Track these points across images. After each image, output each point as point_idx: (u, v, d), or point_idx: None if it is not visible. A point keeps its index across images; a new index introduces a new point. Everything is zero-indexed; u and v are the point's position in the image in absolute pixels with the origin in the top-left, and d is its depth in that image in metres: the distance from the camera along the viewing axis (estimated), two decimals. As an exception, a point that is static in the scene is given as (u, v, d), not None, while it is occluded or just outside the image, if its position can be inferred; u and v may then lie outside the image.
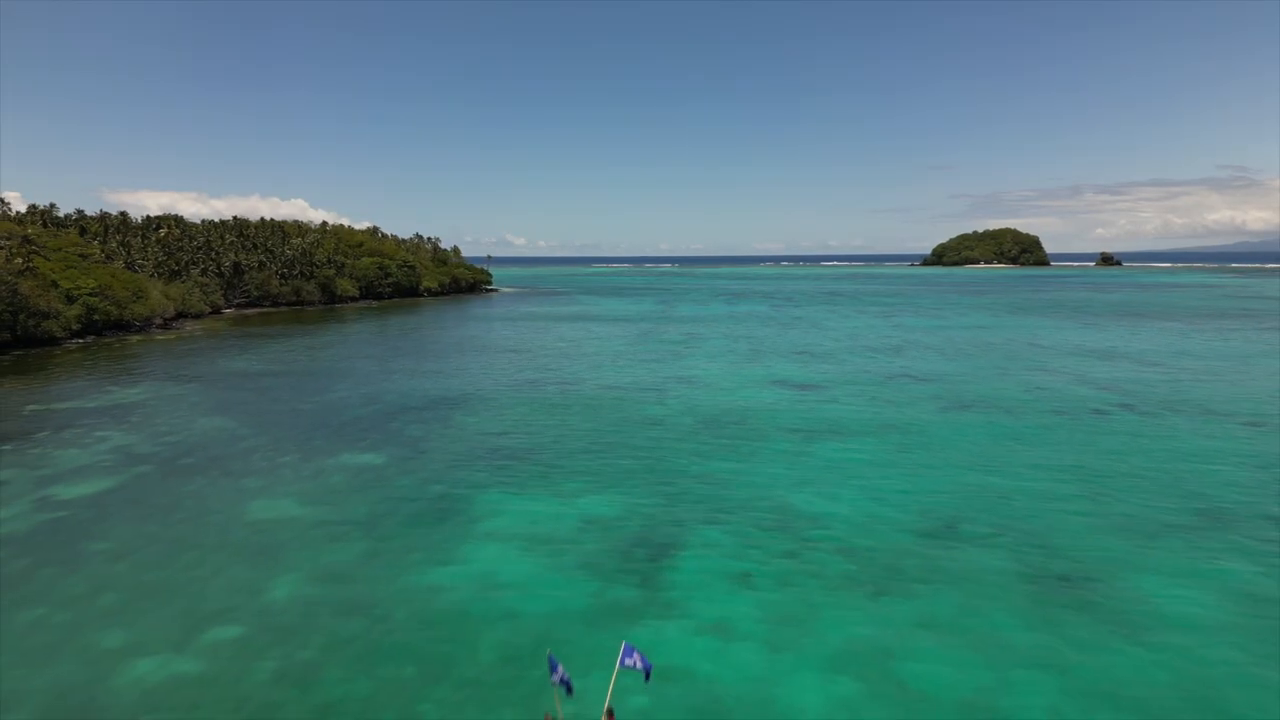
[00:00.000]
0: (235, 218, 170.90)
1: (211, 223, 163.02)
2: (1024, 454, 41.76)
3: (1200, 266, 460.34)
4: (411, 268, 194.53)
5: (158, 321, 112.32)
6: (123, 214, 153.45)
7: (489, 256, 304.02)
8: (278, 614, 23.65)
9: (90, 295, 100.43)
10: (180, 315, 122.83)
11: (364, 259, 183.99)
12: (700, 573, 26.45)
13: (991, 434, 46.43)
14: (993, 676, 19.89)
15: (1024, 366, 73.86)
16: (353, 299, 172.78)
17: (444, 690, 19.39)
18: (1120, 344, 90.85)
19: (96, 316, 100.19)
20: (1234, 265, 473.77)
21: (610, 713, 13.97)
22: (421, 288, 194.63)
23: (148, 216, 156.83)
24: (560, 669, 13.98)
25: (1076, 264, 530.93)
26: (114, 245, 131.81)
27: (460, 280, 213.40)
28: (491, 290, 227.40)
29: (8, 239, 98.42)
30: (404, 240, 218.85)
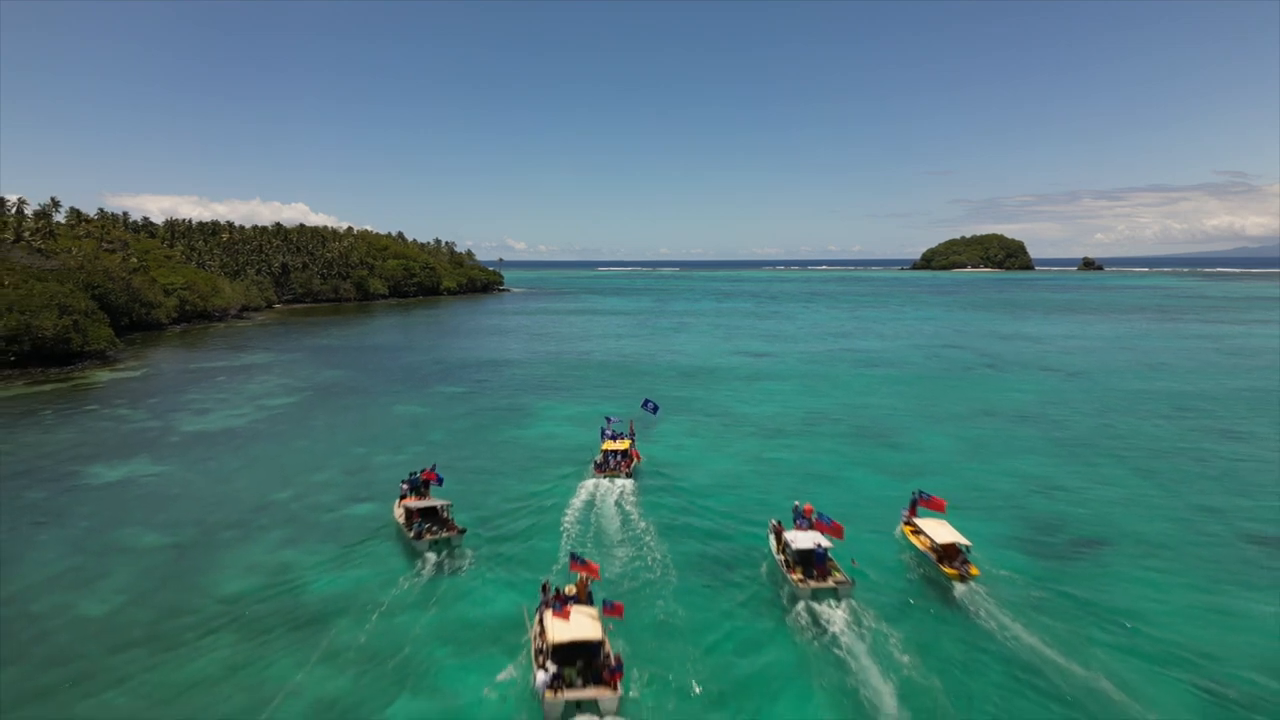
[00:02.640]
0: (278, 224, 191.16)
1: (260, 228, 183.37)
2: (894, 390, 62.10)
3: (1171, 271, 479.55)
4: (432, 269, 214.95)
5: (232, 312, 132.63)
6: (188, 220, 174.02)
7: (500, 260, 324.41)
8: (439, 445, 43.88)
9: (182, 289, 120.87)
10: (244, 308, 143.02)
11: (390, 261, 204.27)
12: (671, 431, 46.67)
13: (881, 381, 66.78)
14: (823, 461, 40.12)
15: (938, 344, 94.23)
16: (383, 296, 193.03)
17: (533, 472, 39.48)
18: (1029, 330, 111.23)
19: (187, 307, 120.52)
20: (1204, 269, 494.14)
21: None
22: (442, 287, 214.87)
23: (215, 222, 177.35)
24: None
25: (1060, 269, 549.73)
26: (182, 248, 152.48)
27: (476, 280, 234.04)
28: (503, 290, 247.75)
29: (114, 244, 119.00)
30: (425, 244, 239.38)
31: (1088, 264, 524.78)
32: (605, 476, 35.76)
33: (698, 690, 18.97)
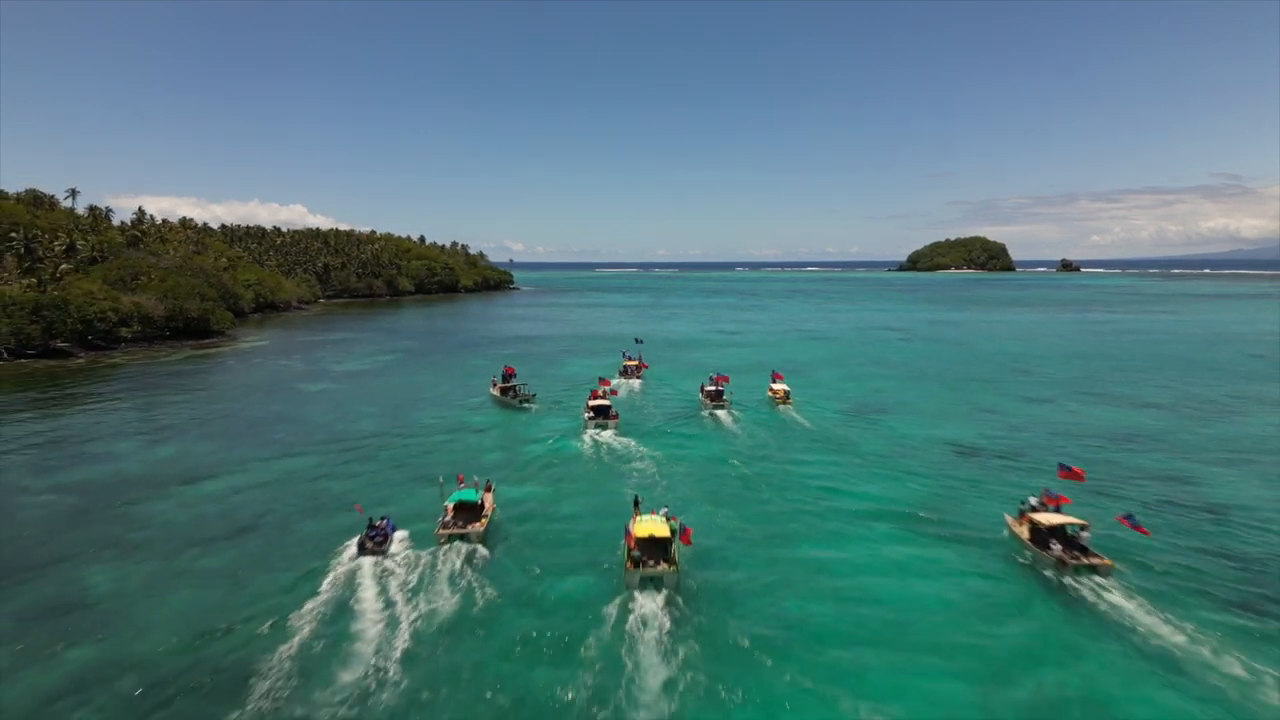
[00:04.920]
0: (317, 229, 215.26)
1: (306, 232, 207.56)
2: (816, 350, 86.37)
3: (1139, 272, 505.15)
4: (451, 269, 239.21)
5: (292, 304, 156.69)
6: (248, 225, 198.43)
7: (510, 260, 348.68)
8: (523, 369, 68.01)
9: (255, 285, 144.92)
10: (300, 302, 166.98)
11: (414, 261, 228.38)
12: (659, 374, 70.65)
13: (811, 346, 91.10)
14: (753, 378, 64.30)
15: (873, 325, 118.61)
16: (409, 293, 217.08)
17: (576, 381, 63.52)
18: (954, 317, 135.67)
19: (259, 299, 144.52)
20: (1175, 270, 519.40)
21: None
22: (460, 285, 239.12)
23: (274, 226, 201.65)
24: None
25: (1039, 270, 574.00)
26: (242, 250, 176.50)
27: (490, 279, 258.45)
28: (514, 288, 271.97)
29: (199, 248, 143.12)
30: (444, 247, 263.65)
31: (1066, 266, 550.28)
32: (626, 377, 61.46)
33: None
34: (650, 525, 24.43)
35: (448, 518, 27.79)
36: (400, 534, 27.57)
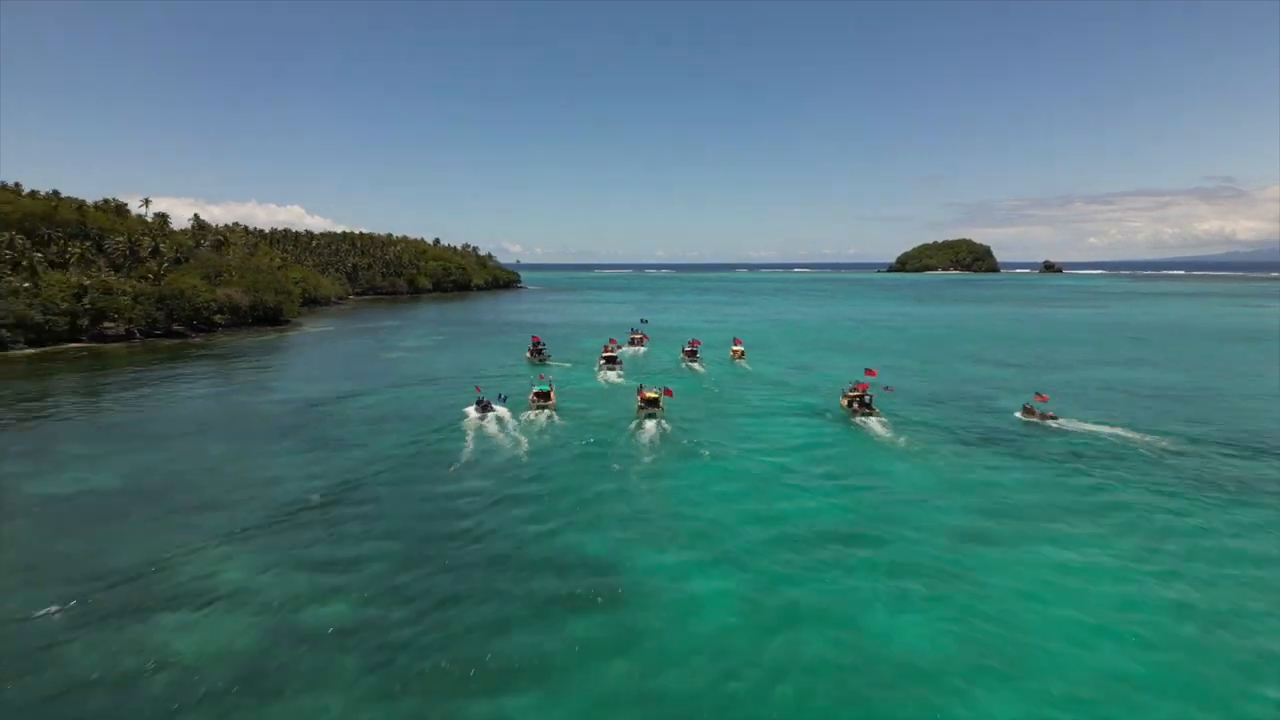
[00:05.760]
0: (345, 231, 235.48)
1: (336, 234, 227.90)
2: (783, 330, 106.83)
3: (1110, 273, 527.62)
4: (464, 269, 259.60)
5: (332, 300, 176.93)
6: (286, 229, 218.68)
7: (518, 261, 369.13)
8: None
9: (301, 282, 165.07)
10: (336, 298, 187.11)
11: (431, 262, 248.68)
12: (654, 345, 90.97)
13: (780, 328, 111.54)
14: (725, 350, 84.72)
15: (838, 316, 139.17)
16: (427, 291, 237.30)
17: (591, 351, 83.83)
18: (912, 310, 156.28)
19: (305, 295, 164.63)
20: (1144, 272, 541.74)
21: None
22: (472, 284, 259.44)
23: (308, 231, 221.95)
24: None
25: (1020, 270, 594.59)
26: (282, 251, 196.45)
27: (499, 279, 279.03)
28: (521, 287, 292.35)
29: (252, 249, 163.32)
30: (457, 249, 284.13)
31: (1049, 267, 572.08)
32: (632, 345, 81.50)
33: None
34: (648, 392, 46.37)
35: (533, 398, 48.90)
36: (499, 406, 48.29)
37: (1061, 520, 29.29)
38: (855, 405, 47.77)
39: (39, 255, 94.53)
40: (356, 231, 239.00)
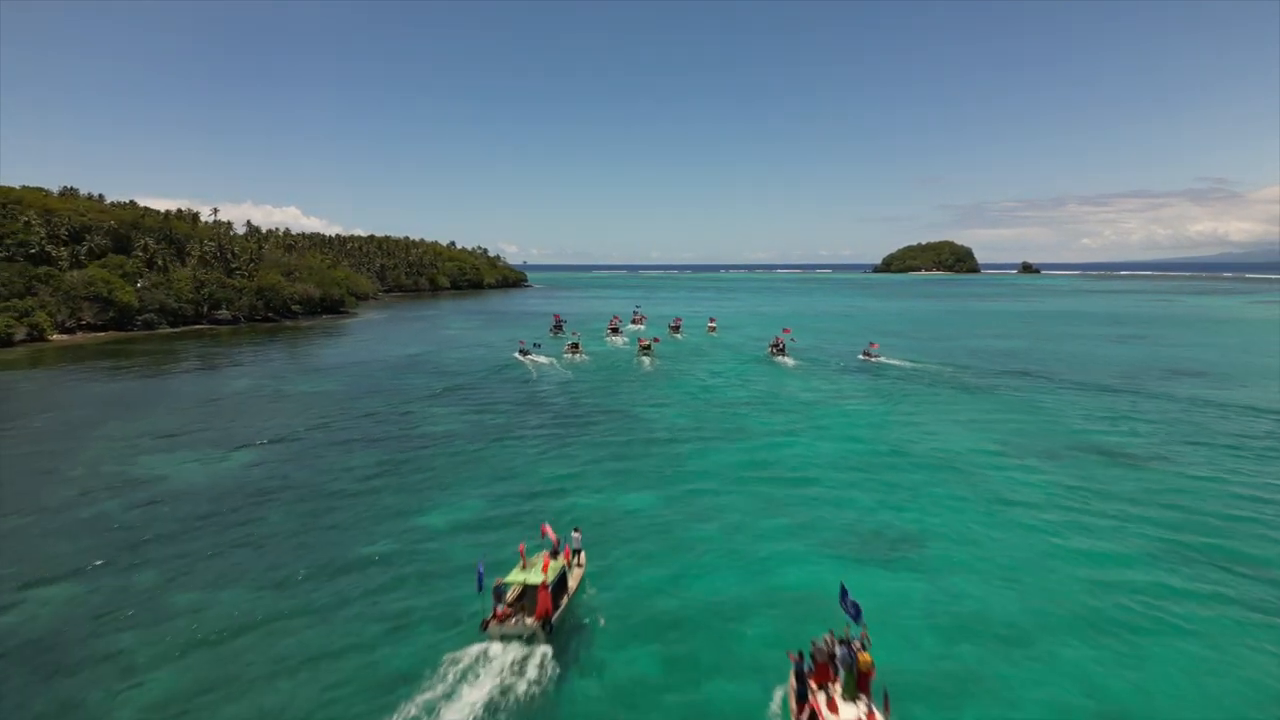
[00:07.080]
0: (372, 235, 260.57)
1: (367, 237, 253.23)
2: (758, 318, 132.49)
3: (1081, 274, 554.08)
4: (477, 269, 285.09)
5: (369, 296, 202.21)
6: (321, 234, 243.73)
7: (525, 262, 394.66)
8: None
9: (343, 280, 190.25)
10: (370, 295, 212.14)
11: (447, 263, 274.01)
12: (650, 326, 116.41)
13: (755, 317, 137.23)
14: (705, 332, 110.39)
15: (810, 308, 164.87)
16: (445, 288, 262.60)
17: (601, 332, 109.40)
18: (878, 304, 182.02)
19: (349, 293, 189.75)
20: (1120, 273, 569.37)
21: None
22: (484, 283, 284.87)
23: (338, 234, 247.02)
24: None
25: (999, 271, 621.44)
26: (320, 253, 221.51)
27: (509, 278, 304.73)
28: (528, 286, 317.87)
29: (300, 252, 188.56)
30: (470, 250, 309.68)
31: (1026, 268, 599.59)
32: (634, 324, 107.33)
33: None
34: (644, 340, 72.89)
35: (568, 348, 74.90)
36: (534, 351, 74.13)
37: (858, 397, 54.95)
38: (773, 350, 73.38)
39: (172, 254, 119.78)
40: (389, 236, 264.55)
